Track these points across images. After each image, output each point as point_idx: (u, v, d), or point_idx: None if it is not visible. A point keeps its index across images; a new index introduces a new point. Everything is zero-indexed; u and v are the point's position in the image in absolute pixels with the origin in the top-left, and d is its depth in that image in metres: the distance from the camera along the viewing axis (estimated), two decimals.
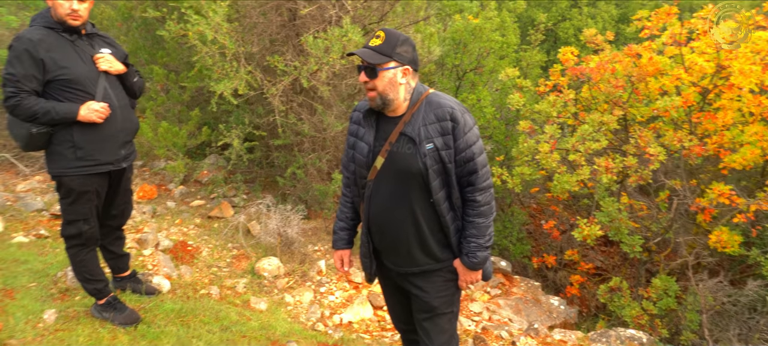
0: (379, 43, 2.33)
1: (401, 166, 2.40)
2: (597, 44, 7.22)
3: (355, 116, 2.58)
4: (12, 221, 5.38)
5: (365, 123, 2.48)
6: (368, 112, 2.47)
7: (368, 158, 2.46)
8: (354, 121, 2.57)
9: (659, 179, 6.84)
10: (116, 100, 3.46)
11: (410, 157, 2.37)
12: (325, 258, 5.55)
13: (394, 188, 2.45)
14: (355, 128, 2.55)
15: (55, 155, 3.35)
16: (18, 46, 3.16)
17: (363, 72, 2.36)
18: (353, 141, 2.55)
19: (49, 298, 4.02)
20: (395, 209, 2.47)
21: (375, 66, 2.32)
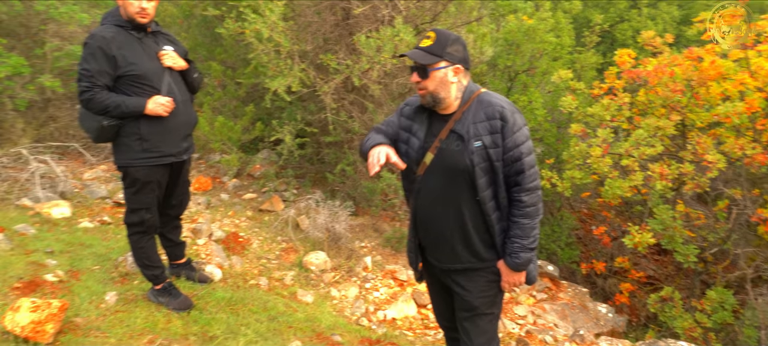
0: (430, 44, 2.37)
1: (449, 163, 2.42)
2: (655, 47, 7.02)
3: (406, 110, 2.60)
4: (79, 206, 5.69)
5: (417, 119, 2.52)
6: (420, 108, 2.52)
7: (418, 154, 2.49)
8: (405, 116, 2.59)
9: (718, 187, 6.60)
10: (179, 95, 3.62)
11: (458, 155, 2.40)
12: (371, 254, 5.63)
13: (441, 184, 2.48)
14: (408, 123, 2.57)
15: (123, 147, 3.53)
16: (92, 44, 3.35)
17: (415, 73, 2.40)
18: (406, 136, 2.56)
19: (111, 281, 4.24)
20: (441, 204, 2.50)
21: (426, 66, 2.35)
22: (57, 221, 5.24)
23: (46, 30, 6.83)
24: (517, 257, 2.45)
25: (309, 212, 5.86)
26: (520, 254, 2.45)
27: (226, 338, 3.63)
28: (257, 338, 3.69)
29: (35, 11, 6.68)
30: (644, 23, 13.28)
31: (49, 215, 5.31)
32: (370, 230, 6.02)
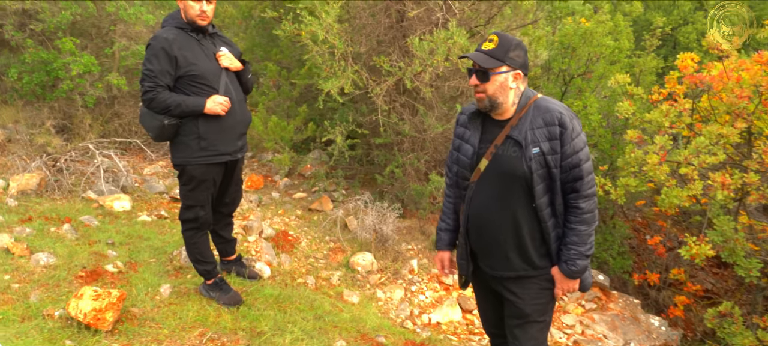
0: (492, 48, 2.36)
1: (505, 169, 2.41)
2: (721, 50, 6.71)
3: (461, 119, 2.62)
4: (138, 201, 5.94)
5: (471, 125, 2.53)
6: (474, 114, 2.52)
7: (472, 160, 2.49)
8: (460, 124, 2.61)
9: None
10: (235, 95, 3.74)
11: (515, 161, 2.38)
12: (417, 257, 5.63)
13: (496, 190, 2.46)
14: (461, 131, 2.59)
15: (181, 145, 3.66)
16: (155, 45, 3.49)
17: (474, 75, 2.40)
18: (458, 143, 2.59)
19: (166, 274, 4.41)
20: (496, 211, 2.49)
21: (487, 70, 2.35)
22: (118, 214, 5.49)
23: (115, 30, 7.15)
24: (573, 265, 2.42)
25: (357, 212, 5.91)
26: (577, 262, 2.42)
27: (274, 334, 3.71)
28: (303, 336, 3.76)
29: (106, 12, 7.01)
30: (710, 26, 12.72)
31: (111, 207, 5.56)
32: (417, 233, 6.02)
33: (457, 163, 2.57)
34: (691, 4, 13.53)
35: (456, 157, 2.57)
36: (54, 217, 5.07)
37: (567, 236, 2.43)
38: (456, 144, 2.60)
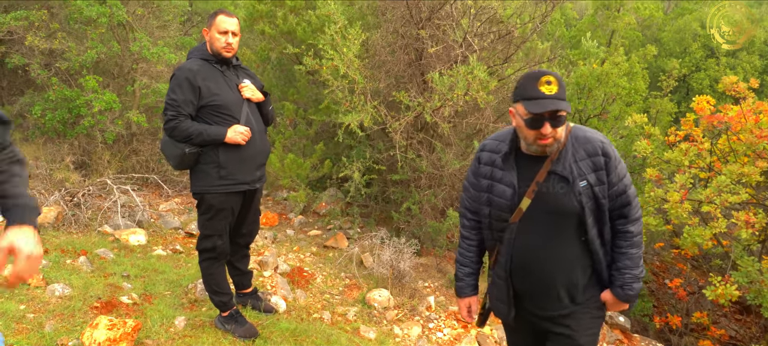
0: (558, 90, 2.18)
1: (553, 206, 2.31)
2: (738, 92, 6.70)
3: (485, 157, 2.46)
4: (154, 235, 5.93)
5: (504, 164, 2.39)
6: (508, 154, 2.39)
7: (513, 200, 2.36)
8: (485, 162, 2.45)
9: None
10: (256, 125, 3.76)
11: (563, 197, 2.28)
12: (434, 294, 5.53)
13: (544, 228, 2.37)
14: (489, 170, 2.43)
15: (201, 173, 3.67)
16: (180, 75, 3.54)
17: (547, 123, 2.18)
18: (488, 184, 2.43)
19: (181, 306, 4.35)
20: (545, 249, 2.39)
21: (563, 116, 2.20)
22: (133, 248, 5.47)
23: (137, 69, 7.30)
24: (630, 289, 2.35)
25: (373, 249, 5.85)
26: (634, 285, 2.35)
27: None
28: None
29: (130, 52, 7.17)
30: (722, 72, 12.79)
31: (126, 241, 5.55)
32: (434, 271, 5.93)
33: (490, 205, 2.42)
34: (702, 51, 13.65)
35: (488, 199, 2.43)
36: (70, 249, 5.06)
37: (619, 260, 2.36)
38: (485, 185, 2.43)
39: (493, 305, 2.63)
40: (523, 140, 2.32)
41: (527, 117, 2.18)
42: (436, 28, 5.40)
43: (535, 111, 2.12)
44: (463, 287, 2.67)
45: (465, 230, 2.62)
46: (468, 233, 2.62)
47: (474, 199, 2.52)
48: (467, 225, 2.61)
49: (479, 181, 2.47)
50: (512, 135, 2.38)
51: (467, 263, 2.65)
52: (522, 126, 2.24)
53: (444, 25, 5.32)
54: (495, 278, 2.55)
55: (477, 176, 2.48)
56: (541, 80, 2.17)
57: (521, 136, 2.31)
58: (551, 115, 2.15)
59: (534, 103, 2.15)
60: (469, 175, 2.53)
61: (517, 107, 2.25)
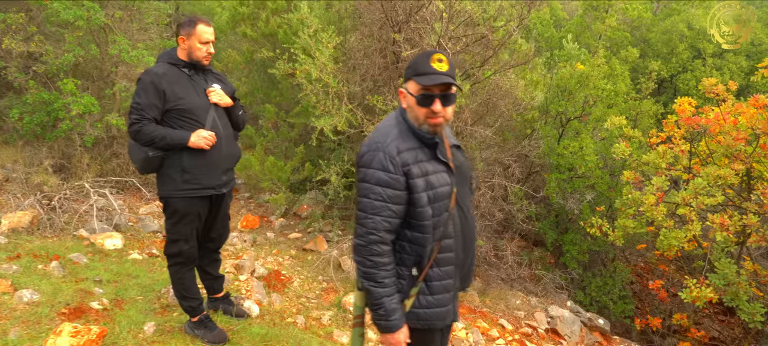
0: (449, 68, 2.18)
1: (465, 177, 2.38)
2: (718, 94, 6.71)
3: (405, 158, 2.19)
4: (131, 239, 5.90)
5: (423, 155, 2.25)
6: (417, 145, 2.25)
7: (451, 186, 2.27)
8: (407, 163, 2.19)
9: None
10: (222, 130, 3.74)
11: (466, 164, 2.38)
12: None
13: (467, 204, 2.38)
14: (416, 169, 2.21)
15: (165, 178, 3.65)
16: (145, 79, 3.54)
17: (438, 101, 2.16)
18: (424, 182, 2.21)
19: (152, 311, 4.32)
20: (472, 224, 2.41)
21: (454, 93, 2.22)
22: (109, 252, 5.44)
23: (117, 72, 7.26)
24: None
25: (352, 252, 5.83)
26: None
27: None
28: None
29: (109, 55, 7.12)
30: (709, 74, 12.81)
31: (102, 245, 5.52)
32: None
33: (435, 201, 2.22)
34: (689, 52, 13.66)
35: (431, 197, 2.21)
36: (43, 254, 5.02)
37: None
38: (421, 186, 2.19)
39: (441, 313, 2.38)
40: (413, 123, 2.25)
41: (419, 93, 2.17)
42: (412, 32, 5.39)
43: (427, 83, 2.11)
44: (397, 320, 2.25)
45: (385, 256, 2.21)
46: (388, 259, 2.23)
47: (395, 214, 2.20)
48: (386, 250, 2.22)
49: (405, 189, 2.19)
50: (405, 127, 2.26)
51: (393, 290, 2.25)
52: (413, 105, 2.21)
53: (420, 29, 5.31)
54: (434, 282, 2.31)
55: (396, 186, 2.17)
56: (433, 57, 2.17)
57: (412, 117, 2.25)
58: (443, 91, 2.16)
59: (426, 77, 2.14)
60: (382, 192, 2.18)
61: (408, 86, 2.23)
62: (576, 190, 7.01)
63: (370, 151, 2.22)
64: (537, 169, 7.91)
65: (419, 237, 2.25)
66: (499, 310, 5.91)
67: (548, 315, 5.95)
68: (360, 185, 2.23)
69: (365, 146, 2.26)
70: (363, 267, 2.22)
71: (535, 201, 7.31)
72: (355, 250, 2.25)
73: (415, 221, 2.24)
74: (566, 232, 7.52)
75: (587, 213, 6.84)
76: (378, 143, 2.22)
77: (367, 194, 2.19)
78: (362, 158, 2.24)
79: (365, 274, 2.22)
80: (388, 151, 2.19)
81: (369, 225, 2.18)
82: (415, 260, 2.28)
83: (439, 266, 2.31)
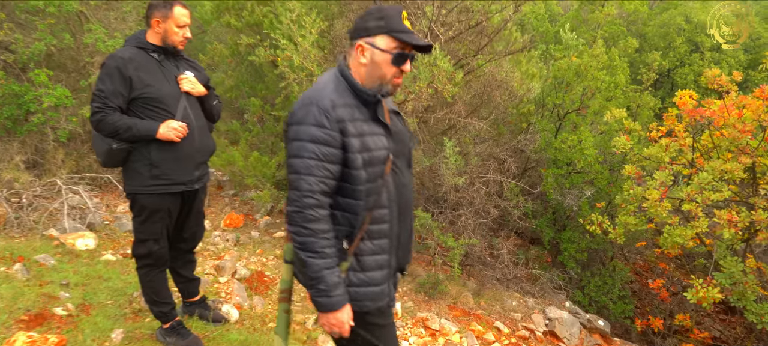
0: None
1: (404, 145, 2.19)
2: (721, 85, 6.43)
3: (341, 113, 1.97)
4: (105, 239, 5.56)
5: (360, 115, 2.03)
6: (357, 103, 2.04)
7: (387, 151, 2.07)
8: (342, 120, 1.96)
9: None
10: (195, 121, 3.43)
11: (405, 133, 2.20)
12: (402, 300, 5.23)
13: (403, 172, 2.18)
14: (352, 127, 1.98)
15: (132, 172, 3.35)
16: (110, 64, 3.23)
17: (409, 61, 2.04)
18: (360, 142, 1.99)
19: (122, 317, 4.00)
20: (408, 195, 2.20)
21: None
22: (80, 253, 5.11)
23: (93, 63, 6.90)
24: None
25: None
26: None
27: None
28: None
29: (84, 44, 6.77)
30: (707, 67, 12.56)
31: (73, 246, 5.18)
32: None
33: (370, 165, 2.00)
34: (687, 46, 13.42)
35: (366, 160, 1.99)
36: (6, 256, 4.68)
37: None
38: (356, 146, 1.97)
39: (384, 291, 2.14)
40: (366, 81, 2.05)
41: (396, 51, 2.00)
42: None
43: (411, 42, 1.97)
44: (342, 293, 2.01)
45: (323, 222, 1.95)
46: (327, 226, 1.97)
47: (331, 175, 1.96)
48: (324, 215, 1.97)
49: (340, 147, 1.97)
50: (346, 83, 2.05)
51: (334, 261, 1.99)
52: (382, 62, 2.01)
53: (410, 14, 5.00)
54: (366, 257, 2.07)
55: (331, 143, 1.94)
56: (403, 15, 2.04)
57: (372, 75, 2.04)
58: (420, 50, 2.07)
59: (407, 35, 1.99)
60: (317, 150, 1.93)
61: (377, 41, 2.01)
62: (574, 185, 6.72)
63: (303, 106, 1.99)
64: (533, 164, 7.63)
65: (351, 204, 2.03)
66: (494, 312, 5.61)
67: (546, 317, 5.67)
68: (291, 145, 1.98)
69: (297, 103, 2.02)
70: (299, 237, 1.95)
71: (532, 198, 7.02)
72: (288, 218, 1.98)
73: (348, 185, 2.01)
74: (564, 229, 7.24)
75: (586, 210, 6.56)
76: (311, 98, 2.00)
77: (300, 153, 1.95)
78: (294, 116, 2.00)
79: (302, 244, 1.95)
80: (322, 105, 1.96)
81: (303, 187, 1.93)
82: (346, 232, 2.04)
83: (372, 239, 2.07)
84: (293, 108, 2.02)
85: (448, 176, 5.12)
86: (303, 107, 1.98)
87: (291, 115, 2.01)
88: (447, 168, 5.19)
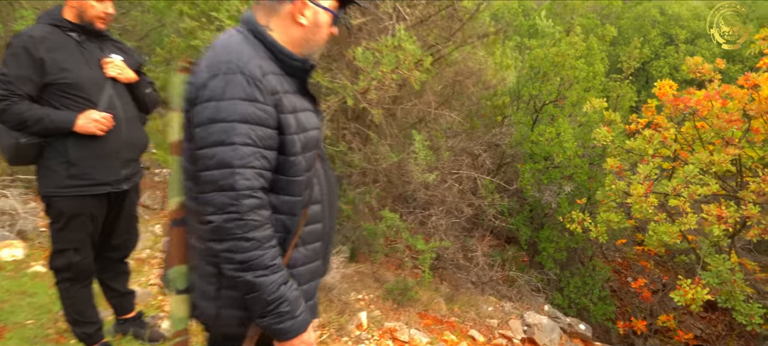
0: None
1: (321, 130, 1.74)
2: (703, 74, 6.13)
3: (272, 83, 1.49)
4: (37, 248, 4.99)
5: (288, 86, 1.56)
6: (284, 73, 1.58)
7: (319, 130, 1.67)
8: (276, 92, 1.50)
9: None
10: (122, 112, 2.93)
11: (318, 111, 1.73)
12: (368, 309, 4.78)
13: (324, 163, 1.75)
14: (286, 100, 1.52)
15: (46, 171, 2.85)
16: (16, 44, 2.72)
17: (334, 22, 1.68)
18: (296, 121, 1.54)
19: (43, 339, 3.48)
20: (334, 188, 1.79)
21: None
22: (4, 264, 4.54)
23: None
24: None
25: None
26: None
27: None
28: None
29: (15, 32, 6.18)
30: (682, 60, 12.44)
31: None
32: (370, 280, 5.18)
33: (305, 149, 1.56)
34: (661, 38, 13.28)
35: (304, 143, 1.55)
36: None
37: None
38: (293, 126, 1.52)
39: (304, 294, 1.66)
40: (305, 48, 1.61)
41: (338, 10, 1.66)
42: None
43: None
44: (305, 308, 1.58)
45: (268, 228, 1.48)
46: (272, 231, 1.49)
47: (270, 166, 1.50)
48: (268, 218, 1.49)
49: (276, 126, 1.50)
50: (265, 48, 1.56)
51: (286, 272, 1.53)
52: (324, 25, 1.62)
53: None
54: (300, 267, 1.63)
55: (267, 122, 1.47)
56: None
57: (312, 40, 1.61)
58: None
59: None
60: (251, 132, 1.44)
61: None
62: (552, 181, 6.35)
63: (220, 75, 1.45)
64: (509, 159, 7.25)
65: (288, 202, 1.57)
66: (469, 319, 5.20)
67: (524, 323, 5.28)
68: (208, 130, 1.44)
69: (204, 72, 1.47)
70: (239, 254, 1.43)
71: (508, 195, 6.63)
72: (217, 232, 1.43)
73: (283, 178, 1.55)
74: (542, 228, 6.87)
75: (565, 207, 6.20)
76: (230, 63, 1.46)
77: (227, 139, 1.42)
78: (205, 88, 1.45)
79: (245, 263, 1.44)
80: (250, 73, 1.46)
81: (240, 185, 1.43)
82: (281, 238, 1.56)
83: (306, 244, 1.64)
84: (196, 78, 1.48)
85: (417, 172, 4.70)
86: (220, 77, 1.45)
87: (197, 86, 1.47)
88: (416, 164, 4.76)
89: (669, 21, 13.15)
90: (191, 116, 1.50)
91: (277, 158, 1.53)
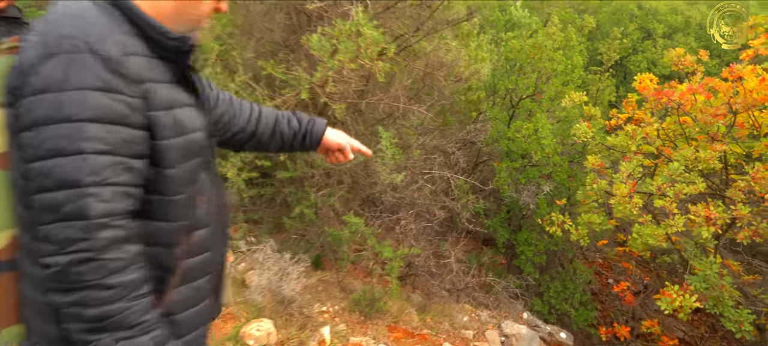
0: None
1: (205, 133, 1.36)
2: (685, 66, 5.84)
3: (138, 66, 1.09)
4: None
5: (159, 74, 1.15)
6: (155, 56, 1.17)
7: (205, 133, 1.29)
8: (140, 79, 1.10)
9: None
10: None
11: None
12: (333, 322, 4.37)
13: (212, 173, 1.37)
14: (163, 94, 1.15)
15: None
16: None
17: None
18: (172, 118, 1.16)
19: None
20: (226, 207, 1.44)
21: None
22: None
23: None
24: None
25: (265, 265, 4.64)
26: None
27: None
28: None
29: None
30: (659, 55, 12.28)
31: None
32: (335, 289, 4.77)
33: (187, 156, 1.20)
34: (639, 33, 13.12)
35: (183, 149, 1.18)
36: None
37: None
38: (167, 125, 1.15)
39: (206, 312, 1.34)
40: (181, 24, 1.18)
41: None
42: None
43: None
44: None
45: (136, 269, 1.09)
46: (142, 273, 1.10)
47: (137, 180, 1.11)
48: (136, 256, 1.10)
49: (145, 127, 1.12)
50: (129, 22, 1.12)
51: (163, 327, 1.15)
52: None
53: None
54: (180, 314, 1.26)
55: (130, 120, 1.07)
56: None
57: (189, 14, 1.19)
58: None
59: None
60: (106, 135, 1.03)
61: None
62: (530, 180, 6.00)
63: (61, 54, 1.01)
64: (485, 157, 6.89)
65: (161, 229, 1.17)
66: (442, 330, 4.81)
67: (502, 333, 4.91)
68: (42, 134, 1.01)
69: (37, 50, 1.03)
70: (92, 308, 1.01)
71: (484, 195, 6.26)
72: (60, 279, 1.01)
73: (158, 198, 1.15)
74: (520, 230, 6.52)
75: (544, 208, 5.85)
76: (75, 39, 1.02)
77: (69, 146, 1.00)
78: (36, 74, 1.01)
79: (100, 320, 1.02)
80: (106, 52, 1.03)
81: (93, 211, 1.01)
82: (155, 280, 1.16)
83: (189, 282, 1.26)
84: (24, 59, 1.03)
85: (384, 172, 4.30)
86: (59, 57, 1.01)
87: (25, 71, 1.02)
88: (383, 163, 4.36)
89: (647, 15, 12.99)
90: (17, 114, 1.04)
91: (149, 170, 1.11)
